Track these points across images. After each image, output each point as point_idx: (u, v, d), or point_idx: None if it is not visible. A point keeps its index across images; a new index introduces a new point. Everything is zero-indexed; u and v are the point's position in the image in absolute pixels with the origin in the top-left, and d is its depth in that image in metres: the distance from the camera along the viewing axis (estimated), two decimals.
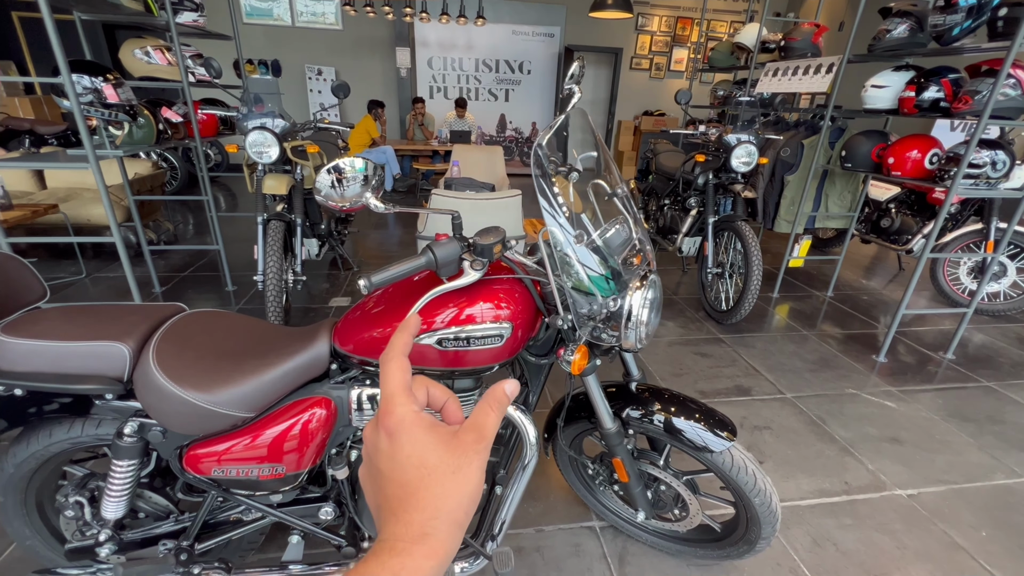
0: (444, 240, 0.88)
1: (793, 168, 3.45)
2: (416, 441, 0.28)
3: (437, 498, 0.27)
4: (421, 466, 0.28)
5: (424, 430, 0.29)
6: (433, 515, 0.27)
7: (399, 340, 0.32)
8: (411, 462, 0.28)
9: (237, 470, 1.01)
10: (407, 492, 0.27)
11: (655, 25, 8.15)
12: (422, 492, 0.27)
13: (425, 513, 0.27)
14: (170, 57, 2.86)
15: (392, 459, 0.28)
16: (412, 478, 0.28)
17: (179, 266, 3.74)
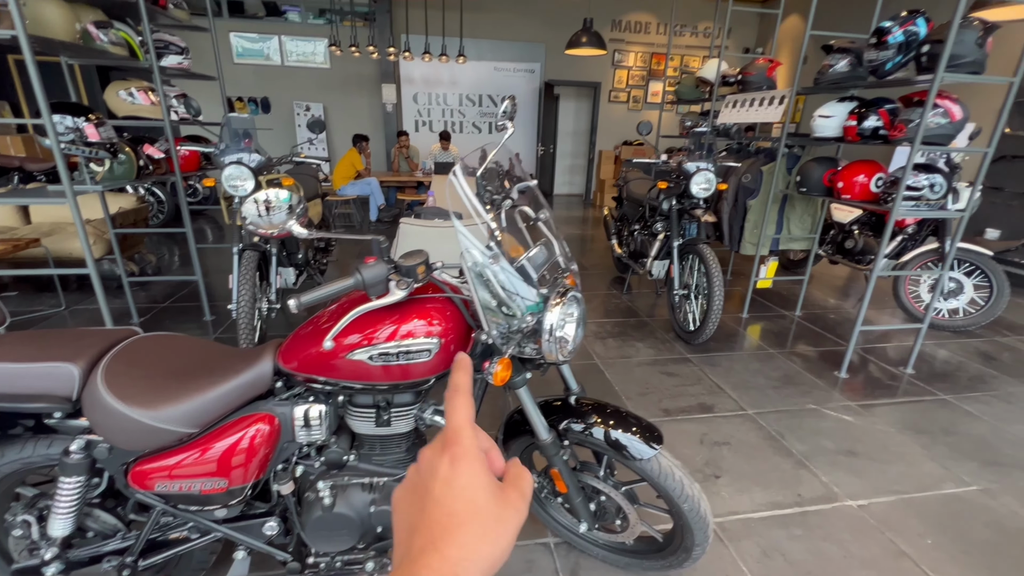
0: (372, 263, 0.96)
1: (754, 193, 3.61)
2: (474, 475, 0.29)
3: (477, 540, 0.27)
4: (472, 501, 0.28)
5: (483, 468, 0.29)
6: (469, 557, 0.26)
7: (461, 378, 0.34)
8: (464, 494, 0.28)
9: (180, 485, 1.06)
10: (453, 523, 0.27)
11: (631, 60, 8.54)
12: (466, 528, 0.27)
13: (463, 551, 0.26)
14: (153, 97, 3.00)
15: (448, 485, 0.28)
16: (461, 510, 0.28)
17: (160, 297, 3.79)
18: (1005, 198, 4.75)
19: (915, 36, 2.46)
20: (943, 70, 2.21)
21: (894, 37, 2.49)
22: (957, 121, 2.43)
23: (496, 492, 0.29)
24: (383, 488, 1.19)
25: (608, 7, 7.96)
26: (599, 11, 7.69)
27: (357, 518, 1.16)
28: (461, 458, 0.29)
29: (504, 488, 0.30)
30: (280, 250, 2.89)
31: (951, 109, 2.41)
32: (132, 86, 2.97)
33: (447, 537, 0.27)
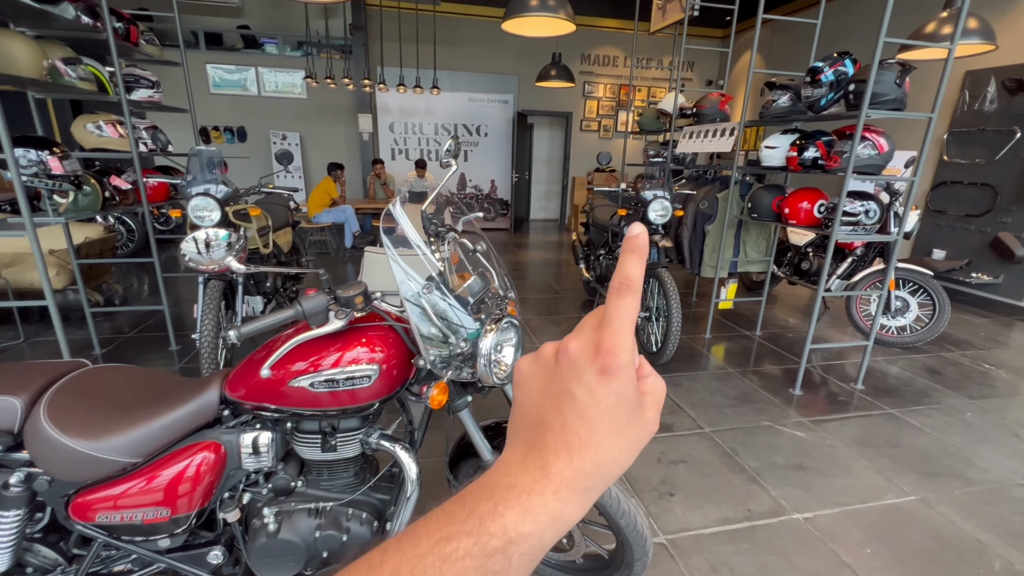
0: (312, 294, 1.02)
1: (711, 219, 3.78)
2: (622, 396, 0.25)
3: (610, 461, 0.26)
4: (614, 422, 0.25)
5: (632, 386, 0.26)
6: (599, 474, 0.25)
7: (635, 271, 0.26)
8: (609, 413, 0.25)
9: (123, 515, 1.07)
10: (592, 440, 0.25)
11: (600, 92, 8.89)
12: (603, 448, 0.25)
13: (595, 468, 0.25)
14: (121, 130, 3.04)
15: (593, 397, 0.25)
16: (602, 429, 0.25)
17: (126, 327, 3.73)
18: (948, 220, 5.06)
19: (844, 75, 2.68)
20: (867, 107, 2.41)
21: (826, 76, 2.70)
22: (885, 152, 2.62)
23: (636, 411, 0.26)
24: (330, 513, 1.22)
25: (577, 42, 8.32)
26: (569, 45, 8.04)
27: (303, 543, 1.18)
28: (614, 373, 0.25)
29: (643, 404, 0.27)
30: (247, 279, 2.91)
31: (879, 142, 2.61)
32: (100, 119, 3.01)
33: (583, 451, 0.25)
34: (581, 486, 0.25)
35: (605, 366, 0.25)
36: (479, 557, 0.23)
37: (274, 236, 3.33)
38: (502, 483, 0.25)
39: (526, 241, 7.94)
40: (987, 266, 4.70)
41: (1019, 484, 2.14)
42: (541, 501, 0.24)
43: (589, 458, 0.25)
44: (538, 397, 0.27)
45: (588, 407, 0.25)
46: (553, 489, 0.25)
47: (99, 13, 2.76)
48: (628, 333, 0.25)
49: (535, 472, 0.25)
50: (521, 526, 0.24)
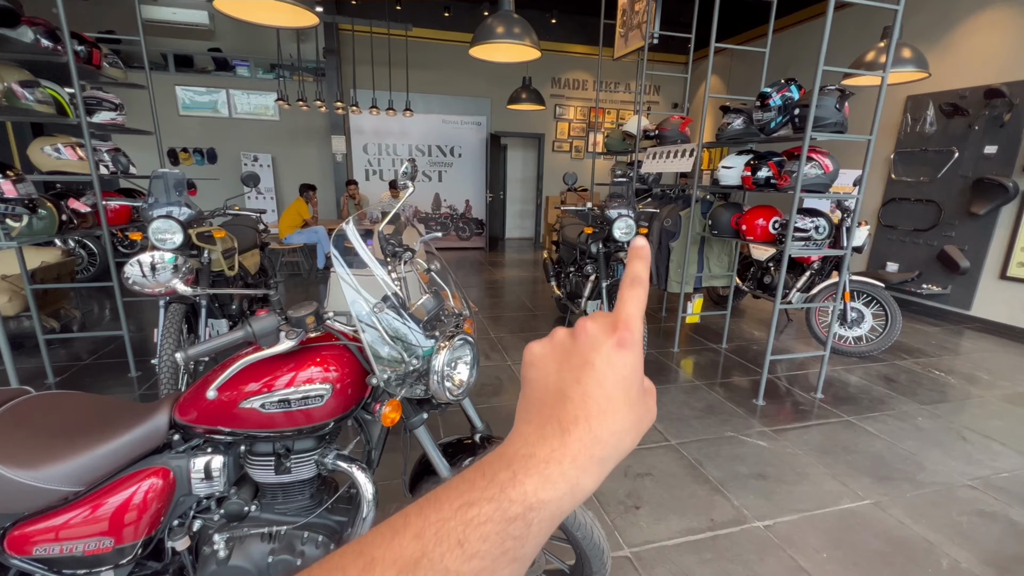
0: (262, 315, 1.03)
1: (675, 236, 3.91)
2: (635, 368, 0.28)
3: (624, 432, 0.27)
4: (627, 392, 0.28)
5: (641, 363, 0.28)
6: (614, 444, 0.27)
7: (640, 269, 0.30)
8: (624, 383, 0.27)
9: (62, 547, 1.04)
10: (610, 407, 0.27)
11: (571, 114, 9.15)
12: (619, 416, 0.27)
13: (611, 438, 0.26)
14: (81, 152, 2.99)
15: (610, 367, 0.27)
16: (618, 398, 0.27)
17: (84, 354, 3.60)
18: (899, 235, 5.33)
19: (790, 100, 2.84)
20: (811, 129, 2.57)
21: (774, 101, 2.86)
22: (830, 172, 2.78)
23: (642, 392, 0.29)
24: (284, 537, 1.21)
25: (547, 66, 8.57)
26: (539, 69, 8.27)
27: (255, 569, 1.16)
28: (630, 346, 0.27)
29: (646, 390, 0.29)
30: (211, 302, 2.86)
31: (824, 162, 2.77)
32: (59, 142, 2.96)
33: (602, 418, 0.26)
34: (598, 454, 0.26)
35: (622, 339, 0.27)
36: (500, 522, 0.23)
37: (241, 258, 3.29)
38: (520, 452, 0.26)
39: (501, 260, 8.00)
40: (936, 277, 4.96)
41: (965, 485, 2.24)
42: (560, 469, 0.25)
43: (606, 426, 0.26)
44: (555, 371, 0.29)
45: (606, 375, 0.27)
46: (572, 456, 0.25)
47: (59, 36, 2.74)
48: (640, 316, 0.29)
49: (554, 441, 0.26)
50: (541, 493, 0.24)
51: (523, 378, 0.31)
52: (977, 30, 4.67)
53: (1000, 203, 4.37)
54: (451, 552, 0.22)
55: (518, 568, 0.24)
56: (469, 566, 0.22)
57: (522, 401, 0.30)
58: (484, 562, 0.23)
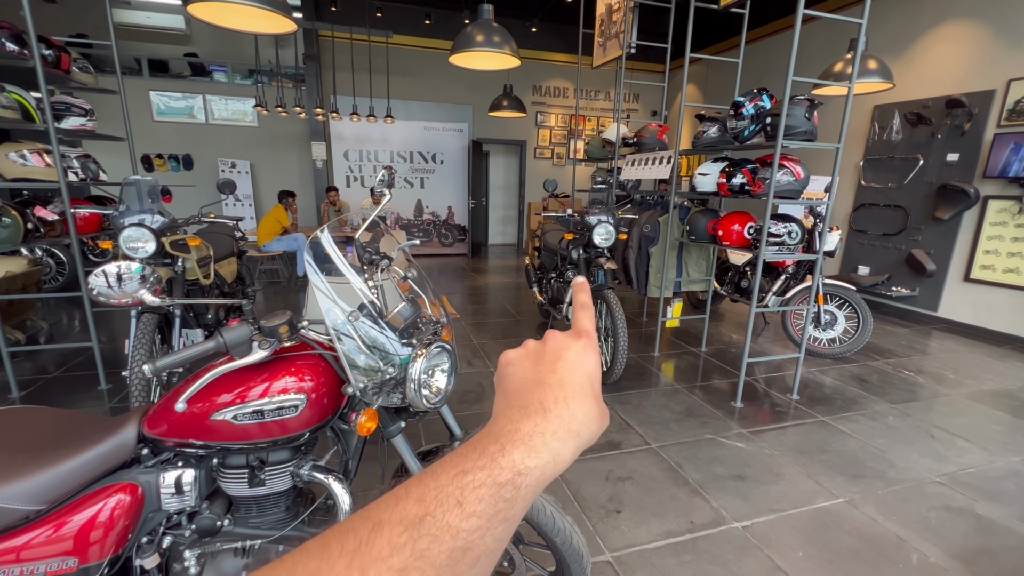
0: (234, 325, 1.01)
1: (654, 241, 3.97)
2: (597, 367, 0.34)
3: (591, 416, 0.32)
4: (593, 385, 0.33)
5: (600, 366, 0.35)
6: (586, 423, 0.31)
7: (584, 298, 0.39)
8: (591, 376, 0.33)
9: (22, 569, 1.00)
10: (582, 392, 0.32)
11: (552, 121, 9.23)
12: (589, 401, 0.32)
13: (585, 417, 0.31)
14: (48, 159, 2.91)
15: (580, 361, 0.34)
16: (587, 386, 0.33)
17: (52, 366, 3.48)
18: (869, 239, 5.50)
19: (763, 109, 2.92)
20: (782, 137, 2.64)
21: (747, 110, 2.94)
22: (801, 179, 2.86)
23: (599, 394, 0.34)
24: (258, 552, 1.18)
25: (529, 74, 8.66)
26: (520, 77, 8.35)
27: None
28: (591, 346, 0.34)
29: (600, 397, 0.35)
30: (186, 311, 2.80)
31: (796, 169, 2.85)
32: (24, 148, 2.87)
33: (577, 399, 0.31)
34: (575, 429, 0.30)
35: (586, 343, 0.34)
36: (492, 486, 0.26)
37: (218, 266, 3.23)
38: (506, 429, 0.29)
39: (484, 266, 8.00)
40: (905, 280, 5.13)
41: (934, 481, 2.31)
42: (542, 440, 0.29)
43: (580, 406, 0.31)
44: (532, 367, 0.34)
45: (576, 367, 0.33)
46: (552, 430, 0.29)
47: (26, 40, 2.67)
48: (594, 331, 0.36)
49: (536, 418, 0.30)
50: (527, 460, 0.28)
51: (500, 377, 0.36)
52: (938, 42, 4.88)
53: (963, 208, 4.55)
54: (451, 511, 0.25)
55: (508, 528, 0.27)
56: (468, 523, 0.25)
57: (500, 393, 0.34)
58: (480, 520, 0.25)
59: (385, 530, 0.24)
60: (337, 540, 0.24)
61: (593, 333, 0.35)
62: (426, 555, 0.23)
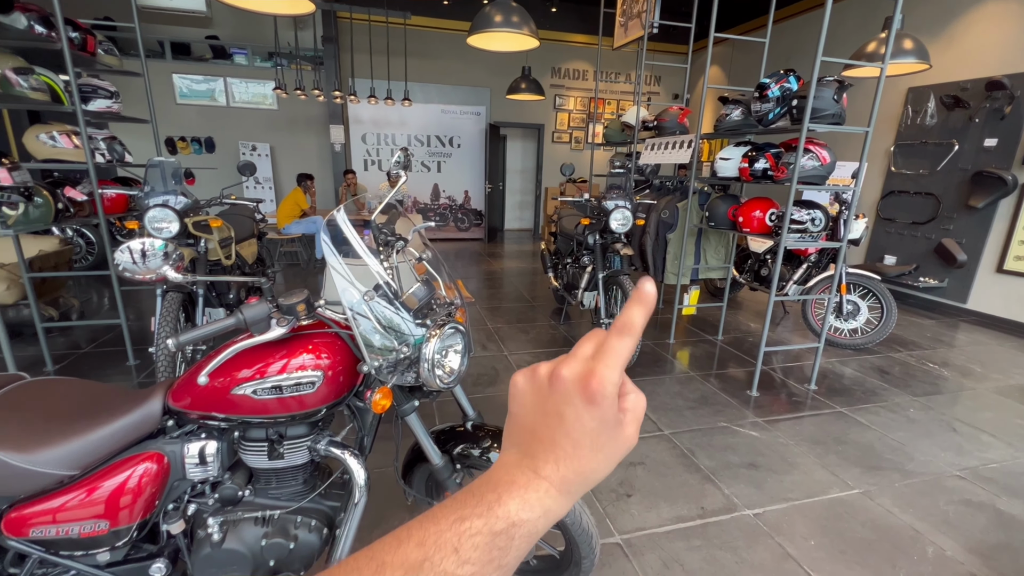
0: (254, 302, 1.04)
1: (673, 227, 3.91)
2: (604, 421, 0.30)
3: (589, 470, 0.30)
4: (595, 441, 0.30)
5: (613, 414, 0.30)
6: (581, 482, 0.30)
7: (637, 317, 0.31)
8: (590, 435, 0.30)
9: (58, 529, 1.06)
10: (577, 453, 0.30)
11: (571, 104, 9.09)
12: (584, 460, 0.30)
13: (579, 476, 0.30)
14: (76, 141, 2.98)
15: (579, 420, 0.30)
16: (585, 446, 0.30)
17: (83, 342, 3.62)
18: (897, 228, 5.33)
19: (789, 91, 2.83)
20: (808, 121, 2.56)
21: (772, 92, 2.85)
22: (827, 164, 2.78)
23: (616, 430, 0.30)
24: (277, 521, 1.23)
25: (547, 56, 8.51)
26: (539, 59, 8.21)
27: (248, 552, 1.18)
28: (599, 402, 0.29)
29: (622, 423, 0.31)
30: (209, 291, 2.88)
31: (821, 154, 2.76)
32: (54, 129, 2.95)
33: (567, 461, 0.30)
34: (565, 489, 0.30)
35: (592, 396, 0.29)
36: (488, 535, 0.27)
37: (238, 247, 3.29)
38: (503, 479, 0.30)
39: (500, 251, 8.00)
40: (933, 270, 4.96)
41: (953, 475, 2.27)
42: (536, 496, 0.29)
43: (572, 468, 0.30)
44: (531, 411, 0.32)
45: (574, 427, 0.30)
46: (544, 489, 0.29)
47: (53, 23, 2.72)
48: (619, 368, 0.29)
49: (529, 473, 0.30)
50: (521, 513, 0.28)
51: (510, 399, 0.34)
52: (979, 21, 4.63)
53: (999, 196, 4.36)
54: (448, 558, 0.26)
55: (503, 575, 0.28)
56: (463, 570, 0.26)
57: (506, 428, 0.34)
58: (475, 567, 0.26)
59: (387, 572, 0.26)
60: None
61: (609, 378, 0.29)
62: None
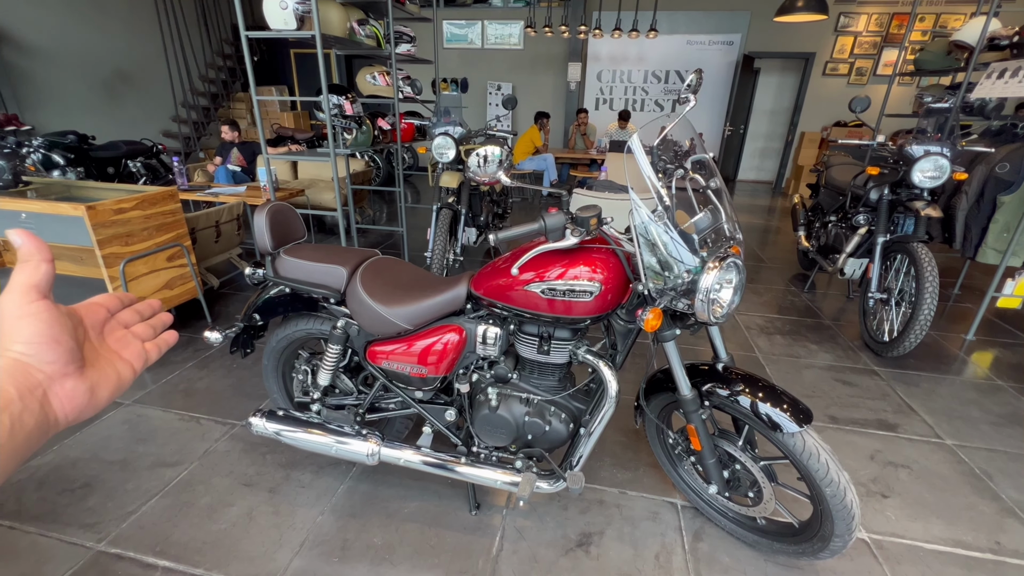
0: (554, 212, 1.16)
1: (1012, 187, 2.87)
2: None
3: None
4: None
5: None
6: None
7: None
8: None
9: (397, 365, 1.44)
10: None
11: (861, 25, 7.18)
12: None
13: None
14: (387, 79, 3.69)
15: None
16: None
17: (373, 243, 4.71)
18: None
19: None
20: None
21: None
22: None
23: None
24: (537, 405, 1.43)
25: None
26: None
27: (514, 423, 1.42)
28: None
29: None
30: (468, 211, 3.36)
31: None
32: (375, 71, 3.71)
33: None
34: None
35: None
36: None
37: None
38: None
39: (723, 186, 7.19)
40: None
41: None
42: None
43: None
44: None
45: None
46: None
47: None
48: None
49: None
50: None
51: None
52: None
53: None
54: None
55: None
56: None
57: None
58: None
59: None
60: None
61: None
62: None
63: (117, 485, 1.73)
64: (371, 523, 1.60)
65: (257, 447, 1.93)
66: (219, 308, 3.18)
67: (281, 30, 2.72)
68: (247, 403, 2.22)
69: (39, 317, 0.35)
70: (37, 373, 0.35)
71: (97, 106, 6.18)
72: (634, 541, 1.56)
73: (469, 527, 1.59)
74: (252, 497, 1.69)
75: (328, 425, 1.52)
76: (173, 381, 2.37)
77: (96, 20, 6.08)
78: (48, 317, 0.36)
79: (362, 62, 7.95)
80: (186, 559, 1.47)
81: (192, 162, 6.81)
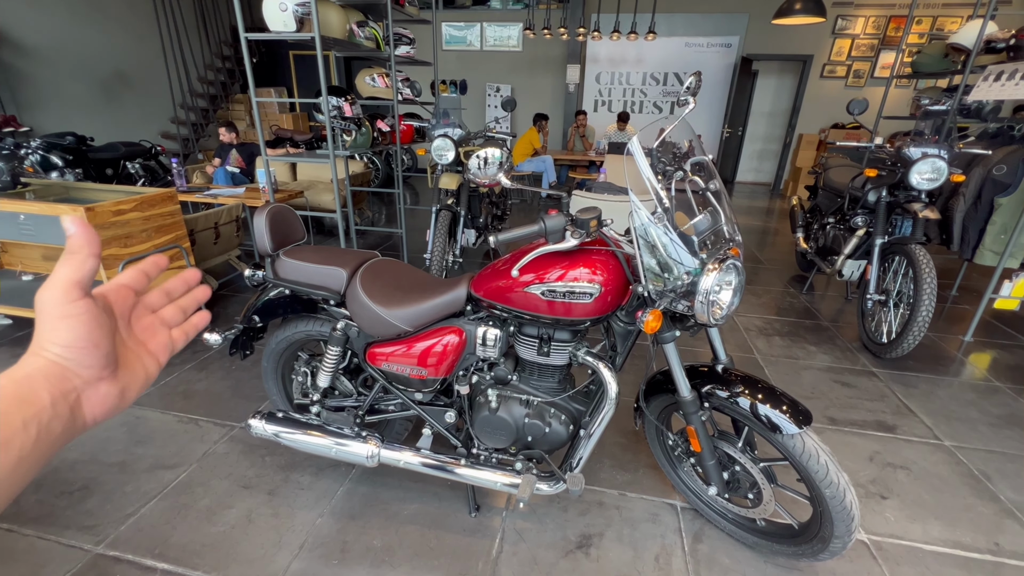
0: (554, 214, 1.16)
1: (1009, 189, 2.88)
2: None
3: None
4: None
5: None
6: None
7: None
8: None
9: (397, 367, 1.44)
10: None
11: (858, 27, 7.22)
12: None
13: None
14: (387, 81, 3.70)
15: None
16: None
17: (372, 244, 4.70)
18: None
19: None
20: None
21: None
22: None
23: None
24: (537, 407, 1.43)
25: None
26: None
27: (513, 424, 1.42)
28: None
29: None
30: (466, 213, 3.37)
31: None
32: (374, 72, 3.71)
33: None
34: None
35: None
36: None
37: None
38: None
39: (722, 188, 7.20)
40: None
41: None
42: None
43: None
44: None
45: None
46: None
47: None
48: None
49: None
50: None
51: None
52: None
53: None
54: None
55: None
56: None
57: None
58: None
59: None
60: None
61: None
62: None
63: (116, 487, 1.73)
64: (371, 525, 1.59)
65: (256, 449, 1.92)
66: (218, 310, 3.18)
67: (280, 32, 2.73)
68: (246, 405, 2.21)
69: (80, 319, 0.33)
70: (74, 378, 0.34)
71: (96, 107, 6.18)
72: (634, 543, 1.56)
73: (469, 529, 1.59)
74: (251, 499, 1.69)
75: (327, 427, 1.52)
76: (172, 383, 2.37)
77: (95, 21, 6.08)
78: (89, 319, 0.34)
79: (361, 64, 7.97)
80: (185, 561, 1.46)
81: (191, 164, 6.81)
